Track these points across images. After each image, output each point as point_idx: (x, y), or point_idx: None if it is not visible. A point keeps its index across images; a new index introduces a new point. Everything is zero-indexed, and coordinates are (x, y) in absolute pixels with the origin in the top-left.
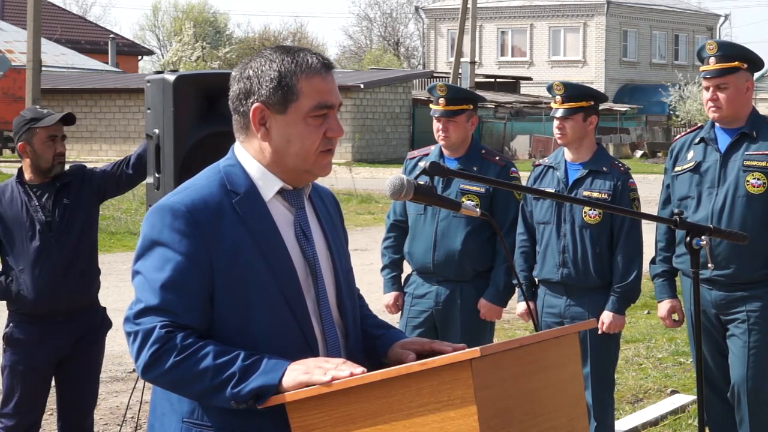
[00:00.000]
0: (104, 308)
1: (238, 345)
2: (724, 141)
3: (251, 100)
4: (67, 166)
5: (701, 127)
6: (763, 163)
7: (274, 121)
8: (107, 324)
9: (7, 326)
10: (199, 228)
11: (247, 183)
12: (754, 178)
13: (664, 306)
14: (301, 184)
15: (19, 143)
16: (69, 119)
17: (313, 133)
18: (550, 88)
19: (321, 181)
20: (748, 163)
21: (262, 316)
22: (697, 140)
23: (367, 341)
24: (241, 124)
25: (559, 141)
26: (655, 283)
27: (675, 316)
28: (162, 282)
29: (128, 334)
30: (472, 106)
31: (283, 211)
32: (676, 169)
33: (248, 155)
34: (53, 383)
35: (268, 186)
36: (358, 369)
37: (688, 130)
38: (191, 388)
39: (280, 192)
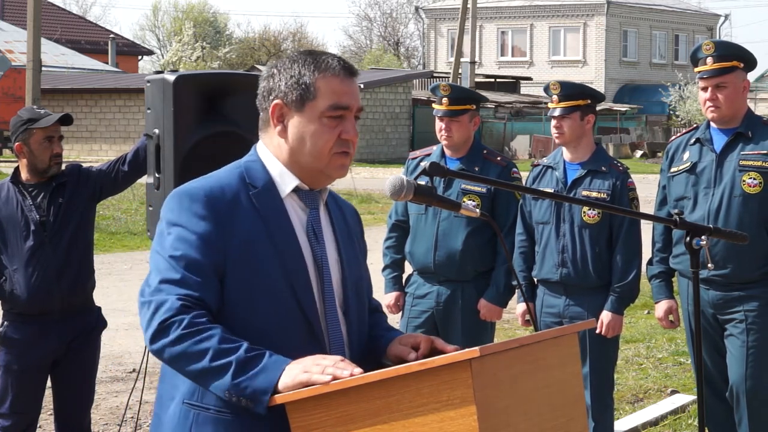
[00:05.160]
0: (99, 308)
1: (243, 332)
2: (719, 141)
3: (272, 97)
4: (63, 166)
5: (697, 128)
6: (759, 163)
7: (291, 118)
8: (102, 324)
9: (1, 326)
10: (215, 212)
11: (265, 178)
12: (750, 178)
13: (661, 307)
14: (317, 185)
15: (16, 143)
16: (66, 120)
17: (327, 133)
18: (547, 89)
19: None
20: (744, 162)
21: (269, 305)
22: (692, 141)
23: (371, 344)
24: (263, 120)
25: (557, 140)
26: (652, 284)
27: (672, 317)
28: (178, 258)
29: (142, 304)
30: (475, 106)
31: (297, 209)
32: (672, 169)
33: (269, 153)
34: (50, 383)
35: (285, 183)
36: (357, 369)
37: (684, 131)
38: (189, 366)
39: (296, 191)
